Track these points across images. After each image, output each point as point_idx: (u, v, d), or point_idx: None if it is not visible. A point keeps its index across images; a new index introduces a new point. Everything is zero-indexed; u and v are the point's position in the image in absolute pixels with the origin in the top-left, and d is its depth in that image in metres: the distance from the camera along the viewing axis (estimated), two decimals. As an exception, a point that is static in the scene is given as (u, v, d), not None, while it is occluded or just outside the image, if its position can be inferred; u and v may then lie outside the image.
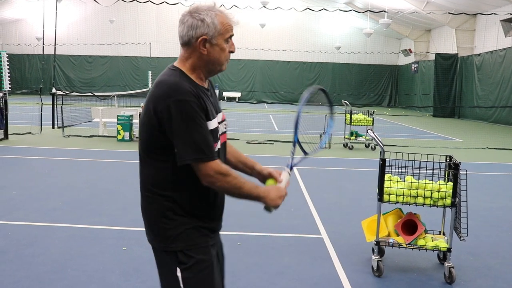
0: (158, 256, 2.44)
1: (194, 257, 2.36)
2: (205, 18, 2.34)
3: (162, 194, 2.36)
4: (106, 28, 41.21)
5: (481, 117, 27.22)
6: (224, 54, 2.40)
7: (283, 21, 41.54)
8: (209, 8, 2.37)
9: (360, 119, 13.85)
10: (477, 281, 4.80)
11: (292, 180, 9.34)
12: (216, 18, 2.35)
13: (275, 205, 2.47)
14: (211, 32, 2.35)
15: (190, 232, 2.38)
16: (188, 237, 2.37)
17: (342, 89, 42.90)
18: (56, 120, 17.04)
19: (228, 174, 2.31)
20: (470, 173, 5.13)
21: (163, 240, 2.38)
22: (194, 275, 2.36)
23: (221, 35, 2.37)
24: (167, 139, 2.28)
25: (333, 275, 4.82)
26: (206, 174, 2.27)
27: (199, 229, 2.41)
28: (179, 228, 2.37)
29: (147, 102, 2.33)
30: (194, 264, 2.36)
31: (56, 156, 11.50)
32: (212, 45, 2.37)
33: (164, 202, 2.37)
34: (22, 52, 42.45)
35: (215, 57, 2.39)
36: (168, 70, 2.40)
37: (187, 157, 2.24)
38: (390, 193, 4.83)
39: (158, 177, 2.37)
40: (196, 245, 2.38)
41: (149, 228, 2.45)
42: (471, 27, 29.68)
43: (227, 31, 2.39)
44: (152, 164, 2.38)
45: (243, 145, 13.78)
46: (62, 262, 4.92)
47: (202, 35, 2.34)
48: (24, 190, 7.89)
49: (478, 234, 6.22)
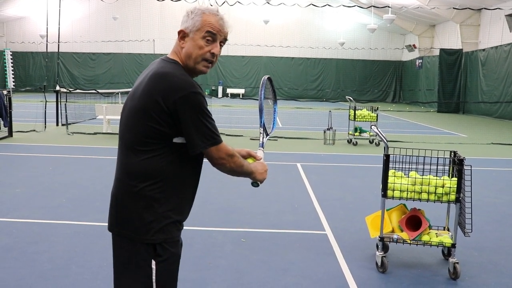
0: (131, 246, 2.42)
1: (169, 250, 2.44)
2: (191, 13, 2.43)
3: (152, 185, 2.37)
4: (109, 25, 41.22)
5: (486, 113, 27.13)
6: (198, 51, 2.41)
7: (287, 17, 41.45)
8: (204, 8, 2.45)
9: (364, 115, 13.82)
10: (482, 276, 4.79)
11: (296, 176, 9.37)
12: (201, 16, 2.41)
13: (263, 178, 2.66)
14: (190, 26, 2.42)
15: (170, 226, 2.43)
16: (167, 231, 2.42)
17: (346, 85, 42.81)
18: (60, 117, 17.06)
19: (234, 155, 2.48)
20: (475, 168, 5.11)
21: (143, 231, 2.38)
22: (167, 268, 2.45)
23: (198, 30, 2.41)
24: (168, 130, 2.33)
25: (337, 271, 4.82)
26: (219, 157, 2.40)
27: (175, 223, 2.47)
28: (163, 221, 2.40)
29: (151, 94, 2.32)
30: (169, 257, 2.44)
31: (60, 153, 11.53)
32: (189, 38, 2.43)
33: (151, 193, 2.37)
34: (26, 50, 42.49)
35: (189, 51, 2.43)
36: (167, 63, 2.42)
37: (203, 145, 2.34)
38: (394, 188, 4.82)
39: (151, 167, 2.37)
40: (173, 239, 2.46)
41: (126, 218, 2.42)
42: (476, 22, 29.55)
43: (205, 27, 2.41)
44: (145, 154, 2.37)
45: (247, 141, 13.77)
46: (67, 259, 4.93)
47: (182, 28, 2.45)
48: (29, 187, 7.92)
49: (483, 230, 6.20)
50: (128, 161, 2.42)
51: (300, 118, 23.10)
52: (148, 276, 2.40)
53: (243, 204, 7.21)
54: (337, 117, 16.22)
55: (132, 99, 2.43)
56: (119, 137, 2.52)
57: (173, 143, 2.37)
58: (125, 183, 2.42)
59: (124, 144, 2.45)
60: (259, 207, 7.04)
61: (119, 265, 2.49)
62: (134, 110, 2.39)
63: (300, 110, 28.68)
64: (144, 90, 2.35)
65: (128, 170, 2.41)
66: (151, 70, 2.42)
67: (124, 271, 2.46)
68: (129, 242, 2.42)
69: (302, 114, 25.20)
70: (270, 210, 6.94)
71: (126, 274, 2.45)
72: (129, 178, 2.40)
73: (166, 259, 2.42)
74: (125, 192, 2.43)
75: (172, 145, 2.37)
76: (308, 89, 43.20)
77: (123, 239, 2.44)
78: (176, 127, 2.33)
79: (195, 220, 4.54)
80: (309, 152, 12.48)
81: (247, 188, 8.04)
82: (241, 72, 42.81)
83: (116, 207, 2.46)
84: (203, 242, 5.51)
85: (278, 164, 10.55)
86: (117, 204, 2.45)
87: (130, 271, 2.43)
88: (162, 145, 2.35)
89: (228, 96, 40.54)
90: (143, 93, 2.35)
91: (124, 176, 2.43)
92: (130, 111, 2.42)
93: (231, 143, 3.34)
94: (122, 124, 2.48)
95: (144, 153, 2.37)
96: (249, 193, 7.66)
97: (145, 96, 2.34)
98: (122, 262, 2.47)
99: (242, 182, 8.75)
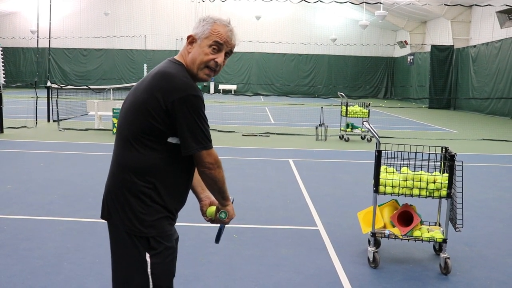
0: (126, 239, 2.47)
1: (164, 243, 2.48)
2: (203, 21, 2.50)
3: (144, 180, 2.42)
4: (101, 21, 40.99)
5: (477, 109, 27.27)
6: (203, 57, 2.47)
7: (279, 13, 41.44)
8: (216, 17, 2.51)
9: (356, 111, 13.86)
10: (472, 271, 4.82)
11: (288, 172, 9.38)
12: (212, 25, 2.48)
13: (232, 214, 2.71)
14: (199, 33, 2.48)
15: (162, 220, 2.48)
16: (160, 225, 2.47)
17: (338, 81, 42.91)
18: (52, 113, 16.99)
19: (221, 166, 2.51)
20: (466, 164, 5.15)
21: (137, 224, 2.43)
22: (162, 261, 2.49)
23: (207, 38, 2.47)
24: (164, 129, 2.38)
25: (329, 266, 4.83)
26: (208, 162, 2.43)
27: (167, 218, 2.52)
28: (155, 215, 2.46)
29: (152, 91, 2.38)
30: (163, 250, 2.48)
31: (52, 149, 11.48)
32: (196, 44, 2.49)
33: (144, 187, 2.42)
34: (16, 46, 42.21)
35: (194, 56, 2.49)
36: (173, 64, 2.48)
37: (196, 147, 2.38)
38: (386, 184, 4.83)
39: (144, 162, 2.41)
40: (166, 233, 2.50)
41: (120, 211, 2.46)
42: (467, 18, 29.66)
43: (213, 35, 2.46)
44: (139, 149, 2.41)
45: (239, 137, 13.76)
46: (59, 255, 4.91)
47: (192, 34, 2.51)
48: (20, 183, 7.88)
49: (474, 225, 6.24)
50: (123, 154, 2.46)
51: (292, 114, 23.12)
52: (144, 269, 2.45)
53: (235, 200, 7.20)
54: (329, 113, 16.24)
55: (133, 94, 2.48)
56: (116, 130, 2.57)
57: (167, 143, 2.42)
58: (118, 176, 2.47)
59: (120, 137, 2.50)
60: (251, 203, 7.05)
61: (116, 258, 2.54)
62: (133, 104, 2.44)
63: (292, 106, 28.70)
64: (146, 86, 2.42)
65: (122, 163, 2.46)
66: (156, 69, 2.49)
67: (121, 263, 2.52)
68: (124, 235, 2.46)
69: (294, 110, 25.21)
70: (262, 206, 6.95)
71: (123, 267, 2.51)
72: (122, 172, 2.45)
73: (160, 252, 2.47)
74: (118, 185, 2.47)
75: (166, 144, 2.42)
76: (300, 85, 43.25)
77: (119, 231, 2.49)
78: (171, 126, 2.38)
79: (188, 216, 4.53)
80: (301, 148, 12.50)
81: (239, 184, 8.06)
82: (233, 68, 42.75)
83: (109, 199, 2.51)
84: (195, 238, 5.52)
85: (270, 160, 10.56)
86: (111, 197, 2.50)
87: (126, 263, 2.49)
88: (157, 143, 2.40)
89: (220, 92, 40.47)
90: (144, 89, 2.41)
91: (118, 169, 2.48)
92: (130, 105, 2.48)
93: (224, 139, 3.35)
94: (121, 117, 2.53)
95: (139, 148, 2.41)
96: (241, 189, 7.66)
97: (146, 93, 2.39)
98: (118, 255, 2.53)
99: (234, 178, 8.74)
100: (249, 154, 11.28)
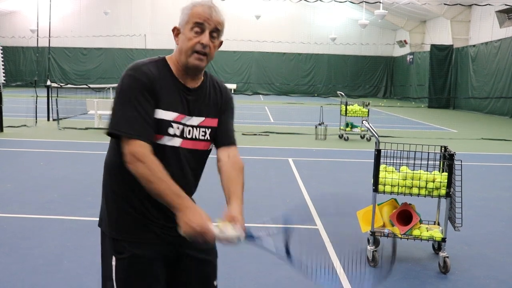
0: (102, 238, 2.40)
1: (129, 250, 2.27)
2: (184, 9, 2.33)
3: (111, 177, 2.35)
4: (100, 20, 40.99)
5: (476, 108, 27.27)
6: (188, 43, 2.27)
7: (278, 12, 41.42)
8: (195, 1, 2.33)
9: (356, 110, 13.87)
10: (471, 270, 4.83)
11: (288, 171, 9.37)
12: (191, 9, 2.29)
13: (185, 228, 2.10)
14: (181, 22, 2.32)
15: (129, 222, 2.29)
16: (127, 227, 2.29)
17: (338, 81, 42.91)
18: (51, 112, 16.98)
19: (141, 161, 2.12)
20: (465, 163, 5.15)
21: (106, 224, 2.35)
22: (125, 268, 2.27)
23: (187, 23, 2.28)
24: None
25: (328, 265, 4.84)
26: (124, 153, 2.16)
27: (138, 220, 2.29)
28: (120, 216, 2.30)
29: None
30: (129, 257, 2.26)
31: (52, 148, 11.48)
32: (181, 34, 2.32)
33: (112, 187, 2.34)
34: (16, 45, 42.21)
35: (181, 46, 2.31)
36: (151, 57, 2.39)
37: (109, 127, 2.20)
38: (385, 183, 4.84)
39: (109, 158, 2.37)
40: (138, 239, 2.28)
41: (101, 210, 2.42)
42: (466, 18, 29.67)
43: (192, 18, 2.26)
44: (109, 148, 2.38)
45: (239, 136, 13.68)
46: (58, 254, 4.92)
47: (176, 26, 2.36)
48: (20, 182, 7.88)
49: (473, 224, 6.25)
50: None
51: (292, 113, 23.12)
52: (110, 272, 2.29)
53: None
54: (328, 112, 16.24)
55: None
56: None
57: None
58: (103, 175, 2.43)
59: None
60: (250, 202, 7.05)
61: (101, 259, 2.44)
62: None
63: (292, 105, 28.70)
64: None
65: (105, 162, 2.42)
66: None
67: (101, 265, 2.40)
68: (101, 234, 2.41)
69: (293, 109, 25.22)
70: (262, 205, 6.96)
71: (102, 268, 2.40)
72: (104, 170, 2.41)
73: (125, 258, 2.26)
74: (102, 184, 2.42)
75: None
76: (300, 84, 43.25)
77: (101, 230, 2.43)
78: None
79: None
80: (301, 147, 12.50)
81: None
82: (232, 67, 42.75)
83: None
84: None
85: (269, 159, 10.57)
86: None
87: (103, 263, 2.39)
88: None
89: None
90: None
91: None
92: None
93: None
94: None
95: (110, 146, 2.37)
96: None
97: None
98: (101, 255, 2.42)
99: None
100: (249, 153, 11.28)
